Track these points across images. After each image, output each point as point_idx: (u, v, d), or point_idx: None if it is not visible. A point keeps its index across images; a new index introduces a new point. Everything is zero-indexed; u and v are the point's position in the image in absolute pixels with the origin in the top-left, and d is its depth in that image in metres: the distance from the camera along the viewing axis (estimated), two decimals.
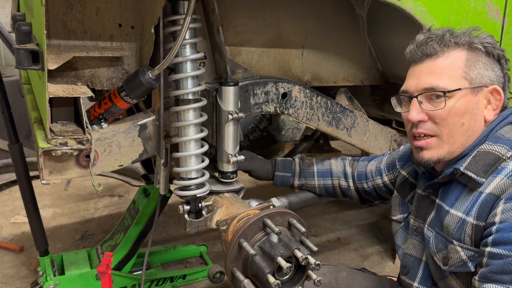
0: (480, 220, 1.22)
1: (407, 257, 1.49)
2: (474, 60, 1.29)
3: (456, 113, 1.27)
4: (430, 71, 1.30)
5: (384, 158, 1.76)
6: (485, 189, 1.23)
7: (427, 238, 1.38)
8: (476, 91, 1.28)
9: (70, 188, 4.02)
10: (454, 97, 1.26)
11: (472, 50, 1.29)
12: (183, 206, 1.55)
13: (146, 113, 1.59)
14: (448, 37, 1.29)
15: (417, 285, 1.44)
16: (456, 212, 1.29)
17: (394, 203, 1.60)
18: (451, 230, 1.29)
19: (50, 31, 1.42)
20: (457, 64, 1.28)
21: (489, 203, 1.21)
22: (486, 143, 1.29)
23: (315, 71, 2.09)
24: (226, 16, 1.75)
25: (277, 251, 1.30)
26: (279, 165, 1.92)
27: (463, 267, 1.27)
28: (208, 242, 3.03)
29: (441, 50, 1.29)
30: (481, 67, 1.29)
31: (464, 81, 1.27)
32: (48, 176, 1.41)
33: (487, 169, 1.25)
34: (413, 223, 1.48)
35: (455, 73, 1.28)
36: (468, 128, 1.29)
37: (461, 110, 1.27)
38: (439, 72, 1.28)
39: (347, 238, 3.36)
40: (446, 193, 1.35)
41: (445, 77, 1.28)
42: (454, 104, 1.27)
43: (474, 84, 1.28)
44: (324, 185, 1.87)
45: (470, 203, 1.26)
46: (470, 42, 1.29)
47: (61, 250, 3.00)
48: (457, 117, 1.28)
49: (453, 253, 1.28)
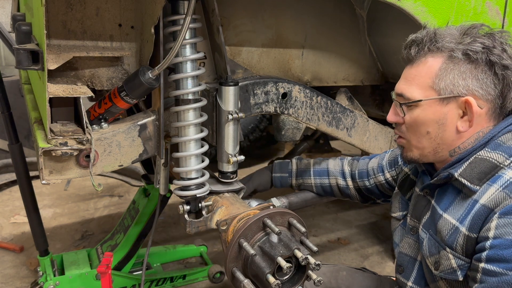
0: (472, 232, 1.21)
1: (402, 256, 1.49)
2: (450, 68, 1.24)
3: (419, 122, 1.29)
4: (405, 76, 1.33)
5: (386, 155, 1.76)
6: (479, 198, 1.21)
7: (421, 239, 1.38)
8: (446, 101, 1.25)
9: (70, 188, 4.02)
10: (419, 107, 1.28)
11: (451, 58, 1.24)
12: (183, 206, 1.55)
13: (146, 113, 1.59)
14: (426, 42, 1.27)
15: (411, 285, 1.44)
16: (449, 217, 1.28)
17: (395, 200, 1.60)
18: (444, 236, 1.28)
19: (50, 31, 1.42)
20: (428, 73, 1.26)
21: (482, 215, 1.19)
22: (485, 149, 1.25)
23: (315, 71, 2.09)
24: (226, 16, 1.75)
25: (277, 251, 1.30)
26: (276, 167, 1.93)
27: (451, 274, 1.26)
28: (208, 242, 3.02)
29: (418, 56, 1.29)
30: (457, 76, 1.23)
31: (431, 92, 1.26)
32: (48, 176, 1.41)
33: (482, 177, 1.22)
34: (410, 222, 1.47)
35: (424, 82, 1.27)
36: (436, 136, 1.28)
37: (424, 119, 1.28)
38: (411, 80, 1.30)
39: (347, 238, 3.36)
40: (441, 196, 1.34)
41: (413, 86, 1.29)
42: (417, 113, 1.28)
43: (443, 95, 1.25)
44: (321, 184, 1.87)
45: (464, 212, 1.24)
46: (451, 48, 1.24)
47: (61, 250, 3.00)
48: (422, 126, 1.29)
49: (445, 260, 1.27)
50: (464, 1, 1.82)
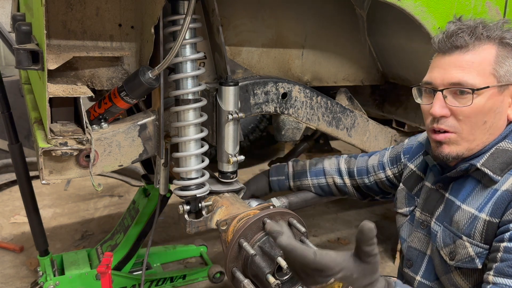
0: (494, 217, 1.21)
1: (411, 250, 1.48)
2: (504, 56, 1.24)
3: (481, 112, 1.24)
4: (458, 64, 1.24)
5: (387, 152, 1.75)
6: (500, 187, 1.22)
7: (434, 232, 1.38)
8: (502, 89, 1.25)
9: (70, 188, 4.02)
10: (482, 95, 1.23)
11: (503, 45, 1.24)
12: (183, 206, 1.55)
13: (146, 113, 1.59)
14: (480, 30, 1.24)
15: (419, 279, 1.44)
16: (468, 208, 1.28)
17: (400, 196, 1.59)
18: (461, 226, 1.28)
19: (50, 31, 1.42)
20: (488, 59, 1.23)
21: (505, 200, 1.20)
22: (506, 140, 1.27)
23: (315, 71, 2.09)
24: (226, 16, 1.75)
25: (277, 251, 1.30)
26: (272, 171, 1.93)
27: (470, 263, 1.26)
28: (208, 242, 3.02)
29: (472, 43, 1.24)
30: (511, 64, 1.24)
31: (493, 79, 1.24)
32: (48, 176, 1.41)
33: (504, 167, 1.24)
34: (419, 216, 1.47)
35: (484, 70, 1.23)
36: (490, 126, 1.26)
37: (486, 108, 1.23)
38: (468, 67, 1.23)
39: (347, 238, 3.36)
40: (458, 188, 1.34)
41: (474, 73, 1.22)
42: (480, 102, 1.23)
43: (502, 82, 1.24)
44: (319, 184, 1.87)
45: (484, 200, 1.25)
46: (501, 37, 1.24)
47: (61, 250, 3.00)
48: (481, 116, 1.24)
49: (461, 248, 1.27)
50: (464, 1, 1.82)
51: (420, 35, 1.79)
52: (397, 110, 2.39)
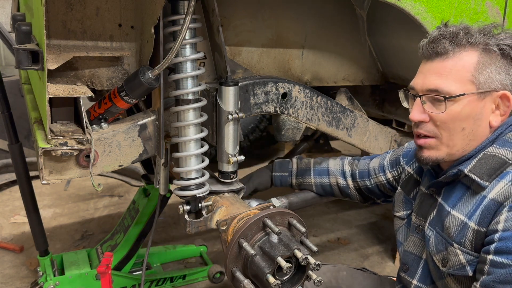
0: (481, 226, 1.21)
1: (407, 254, 1.49)
2: (486, 63, 1.23)
3: (457, 118, 1.24)
4: (437, 71, 1.26)
5: (388, 156, 1.75)
6: (488, 194, 1.22)
7: (427, 237, 1.38)
8: (483, 96, 1.24)
9: (70, 188, 4.02)
10: (458, 102, 1.23)
11: (486, 52, 1.23)
12: (183, 206, 1.55)
13: (146, 113, 1.59)
14: (461, 36, 1.24)
15: (416, 283, 1.44)
16: (457, 214, 1.28)
17: (398, 199, 1.59)
18: (451, 232, 1.28)
19: (50, 31, 1.42)
20: (467, 66, 1.23)
21: (491, 209, 1.20)
22: (493, 146, 1.26)
23: (315, 71, 2.09)
24: (226, 16, 1.75)
25: (277, 251, 1.30)
26: (276, 166, 1.93)
27: (461, 270, 1.26)
28: (208, 242, 3.02)
29: (452, 50, 1.25)
30: (493, 71, 1.23)
31: (471, 86, 1.23)
32: (48, 176, 1.41)
33: (491, 173, 1.23)
34: (415, 220, 1.47)
35: (462, 76, 1.23)
36: (470, 132, 1.26)
37: (463, 115, 1.24)
38: (446, 74, 1.24)
39: (347, 238, 3.36)
40: (449, 193, 1.34)
41: (451, 80, 1.23)
42: (456, 109, 1.24)
43: (482, 89, 1.23)
44: (321, 183, 1.87)
45: (472, 207, 1.25)
46: (485, 43, 1.24)
47: (61, 250, 3.00)
48: (459, 122, 1.25)
49: (453, 256, 1.28)
50: (464, 1, 1.82)
51: (420, 35, 1.78)
52: (397, 110, 2.39)
